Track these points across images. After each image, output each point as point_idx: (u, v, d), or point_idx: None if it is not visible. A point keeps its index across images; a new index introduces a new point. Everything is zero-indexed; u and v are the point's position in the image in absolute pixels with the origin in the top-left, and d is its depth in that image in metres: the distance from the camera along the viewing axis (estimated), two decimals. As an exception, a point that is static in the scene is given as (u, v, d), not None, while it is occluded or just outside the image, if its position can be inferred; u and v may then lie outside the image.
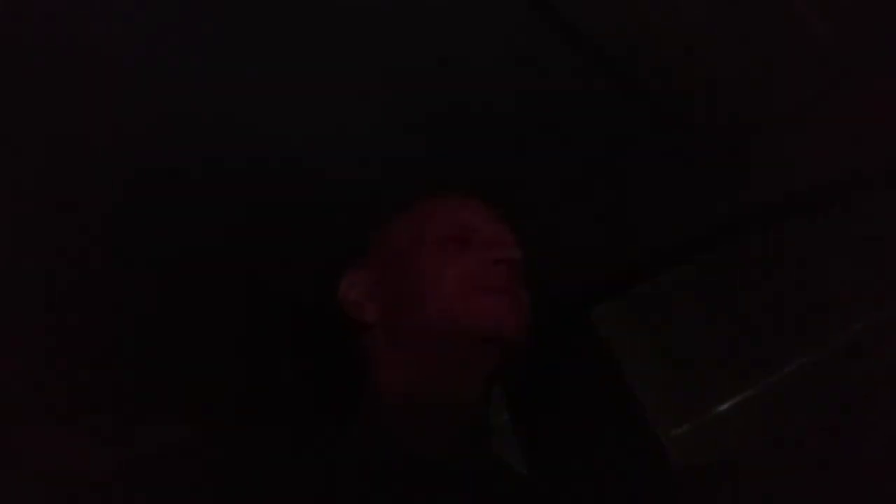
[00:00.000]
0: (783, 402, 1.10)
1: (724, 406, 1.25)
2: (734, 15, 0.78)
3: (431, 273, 0.74)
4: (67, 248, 1.02)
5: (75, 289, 1.07)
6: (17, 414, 1.03)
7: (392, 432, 0.71)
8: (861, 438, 0.60)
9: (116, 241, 1.06)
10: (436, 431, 0.71)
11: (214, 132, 0.92)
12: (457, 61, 0.85)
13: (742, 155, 0.99)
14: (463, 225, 0.78)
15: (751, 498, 0.66)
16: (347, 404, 1.03)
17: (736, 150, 0.98)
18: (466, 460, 0.71)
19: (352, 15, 0.79)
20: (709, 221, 1.09)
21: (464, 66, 0.86)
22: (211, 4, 0.77)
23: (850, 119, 0.91)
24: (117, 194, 0.99)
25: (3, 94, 0.82)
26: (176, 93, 0.86)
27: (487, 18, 0.79)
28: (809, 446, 0.64)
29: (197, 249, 1.10)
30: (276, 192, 1.04)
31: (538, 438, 0.93)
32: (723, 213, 1.08)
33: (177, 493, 0.59)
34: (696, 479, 0.70)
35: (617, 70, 0.86)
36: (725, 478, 0.69)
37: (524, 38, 0.82)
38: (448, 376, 0.72)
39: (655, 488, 0.72)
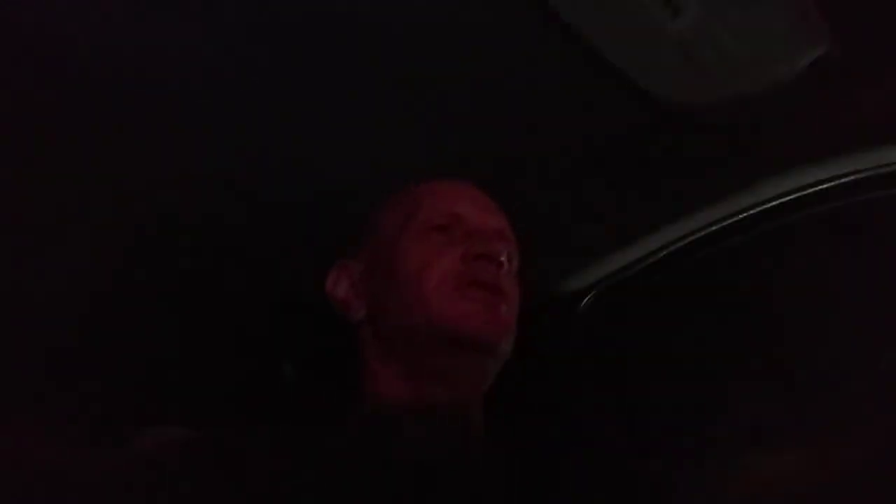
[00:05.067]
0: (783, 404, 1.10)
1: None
2: (734, 13, 0.78)
3: (412, 270, 0.70)
4: (65, 249, 1.02)
5: (74, 288, 1.07)
6: (15, 414, 1.03)
7: (383, 432, 0.71)
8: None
9: (114, 240, 1.06)
10: (426, 433, 0.70)
11: (212, 132, 0.92)
12: (453, 57, 0.85)
13: (741, 155, 0.99)
14: (450, 213, 0.74)
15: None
16: (343, 404, 1.03)
17: (735, 149, 0.98)
18: (458, 462, 0.70)
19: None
20: (707, 220, 1.09)
21: (461, 62, 0.85)
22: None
23: (850, 119, 0.91)
24: (117, 196, 0.99)
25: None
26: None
27: (488, 16, 0.79)
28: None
29: (196, 248, 1.10)
30: (275, 189, 1.03)
31: (526, 435, 0.93)
32: (721, 212, 1.08)
33: (176, 493, 0.59)
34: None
35: (614, 69, 0.86)
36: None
37: (522, 33, 0.81)
38: (434, 379, 0.71)
39: (644, 488, 0.72)
